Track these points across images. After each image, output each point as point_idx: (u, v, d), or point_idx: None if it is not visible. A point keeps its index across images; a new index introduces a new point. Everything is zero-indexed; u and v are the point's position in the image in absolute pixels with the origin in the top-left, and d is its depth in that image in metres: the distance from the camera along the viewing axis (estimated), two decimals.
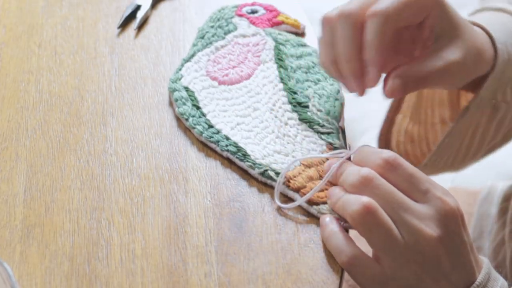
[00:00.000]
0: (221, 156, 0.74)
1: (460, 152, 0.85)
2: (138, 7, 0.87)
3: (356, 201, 0.66)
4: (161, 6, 0.89)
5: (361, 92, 0.72)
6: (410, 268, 0.66)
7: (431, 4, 0.71)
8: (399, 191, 0.67)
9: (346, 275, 0.68)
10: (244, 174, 0.73)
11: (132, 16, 0.87)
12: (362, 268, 0.66)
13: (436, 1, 0.72)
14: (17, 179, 0.73)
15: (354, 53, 0.70)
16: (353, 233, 0.69)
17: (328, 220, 0.69)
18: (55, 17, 0.87)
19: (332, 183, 0.71)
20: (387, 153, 0.68)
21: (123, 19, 0.87)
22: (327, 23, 0.72)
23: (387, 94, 0.72)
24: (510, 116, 0.83)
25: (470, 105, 0.79)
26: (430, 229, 0.66)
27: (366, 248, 0.68)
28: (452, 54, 0.73)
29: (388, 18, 0.69)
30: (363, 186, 0.67)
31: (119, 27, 0.86)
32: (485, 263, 0.69)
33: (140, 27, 0.86)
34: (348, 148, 0.74)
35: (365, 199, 0.66)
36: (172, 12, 0.88)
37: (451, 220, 0.67)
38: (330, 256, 0.68)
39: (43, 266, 0.67)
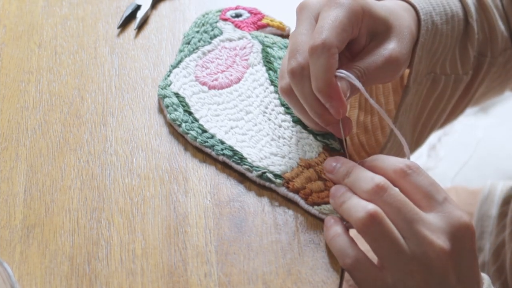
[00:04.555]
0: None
1: (416, 128, 0.84)
2: (138, 7, 0.87)
3: (362, 208, 0.65)
4: (161, 6, 0.89)
5: (327, 122, 0.71)
6: (413, 279, 0.65)
7: (361, 16, 0.71)
8: (418, 195, 0.66)
9: (346, 275, 0.68)
10: (244, 174, 0.73)
11: (132, 16, 0.87)
12: (364, 273, 0.66)
13: (364, 10, 0.71)
14: (17, 179, 0.73)
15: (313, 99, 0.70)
16: (353, 232, 0.68)
17: (333, 222, 0.68)
18: (55, 17, 0.87)
19: (334, 182, 0.71)
20: (409, 161, 0.68)
21: (123, 19, 0.87)
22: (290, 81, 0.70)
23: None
24: (462, 87, 0.83)
25: (408, 82, 0.78)
26: (442, 242, 0.65)
27: (366, 246, 0.67)
28: (388, 47, 0.72)
29: (329, 49, 0.68)
30: (376, 194, 0.66)
31: (119, 27, 0.86)
32: (485, 280, 0.68)
33: (140, 27, 0.86)
34: (345, 148, 0.74)
35: (370, 207, 0.65)
36: (172, 12, 0.88)
37: (465, 235, 0.66)
38: (330, 256, 0.68)
39: (43, 266, 0.67)
